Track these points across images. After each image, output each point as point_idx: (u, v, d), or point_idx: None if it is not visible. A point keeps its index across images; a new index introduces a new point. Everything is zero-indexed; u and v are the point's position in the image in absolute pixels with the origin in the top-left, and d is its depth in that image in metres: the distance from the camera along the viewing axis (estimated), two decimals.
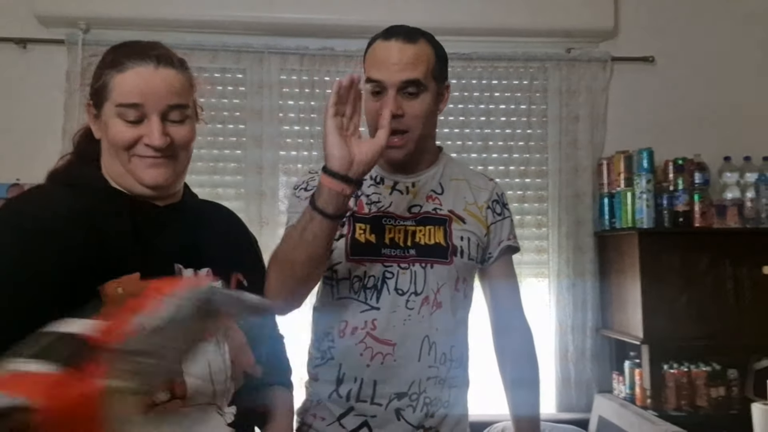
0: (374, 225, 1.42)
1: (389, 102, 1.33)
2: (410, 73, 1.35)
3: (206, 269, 1.13)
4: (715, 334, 2.81)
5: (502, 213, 1.54)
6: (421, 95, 1.38)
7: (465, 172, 1.56)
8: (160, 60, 1.10)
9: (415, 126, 1.38)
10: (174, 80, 1.11)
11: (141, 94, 1.07)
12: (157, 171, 1.10)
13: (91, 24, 3.05)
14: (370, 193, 1.46)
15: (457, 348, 1.45)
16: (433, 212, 1.45)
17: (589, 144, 3.20)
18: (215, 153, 3.14)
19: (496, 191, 1.55)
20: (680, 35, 3.32)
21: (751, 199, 3.00)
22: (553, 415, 3.06)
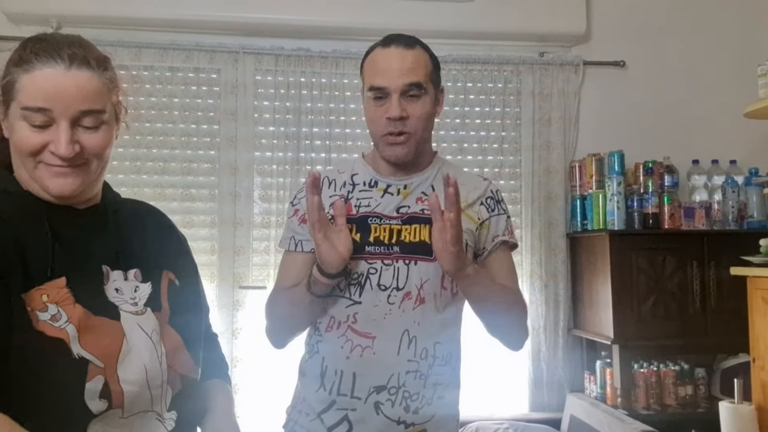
0: (360, 224, 1.45)
1: (393, 106, 1.40)
2: (412, 77, 1.41)
3: (135, 270, 1.09)
4: (683, 334, 2.86)
5: (497, 209, 1.54)
6: (423, 98, 1.43)
7: (459, 174, 1.55)
8: (73, 60, 1.00)
9: (417, 127, 1.43)
10: (88, 84, 1.01)
11: (48, 98, 0.97)
12: (64, 180, 1.01)
13: (62, 22, 3.00)
14: (361, 197, 1.50)
15: (444, 346, 1.44)
16: (421, 212, 1.46)
17: (561, 146, 3.25)
18: (189, 153, 3.12)
19: (490, 188, 1.57)
20: (650, 41, 3.39)
21: (718, 202, 3.06)
22: (525, 415, 3.09)
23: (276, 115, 3.14)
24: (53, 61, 0.98)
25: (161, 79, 3.09)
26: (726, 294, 2.83)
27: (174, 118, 3.11)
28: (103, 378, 0.98)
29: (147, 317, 1.06)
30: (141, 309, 1.06)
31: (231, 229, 3.05)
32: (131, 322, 1.04)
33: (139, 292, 1.08)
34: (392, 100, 1.41)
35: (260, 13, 3.07)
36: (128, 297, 1.06)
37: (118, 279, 1.07)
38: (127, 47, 3.02)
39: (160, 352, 1.06)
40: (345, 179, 1.54)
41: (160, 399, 1.05)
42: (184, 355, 1.10)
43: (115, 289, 1.05)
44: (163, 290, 1.12)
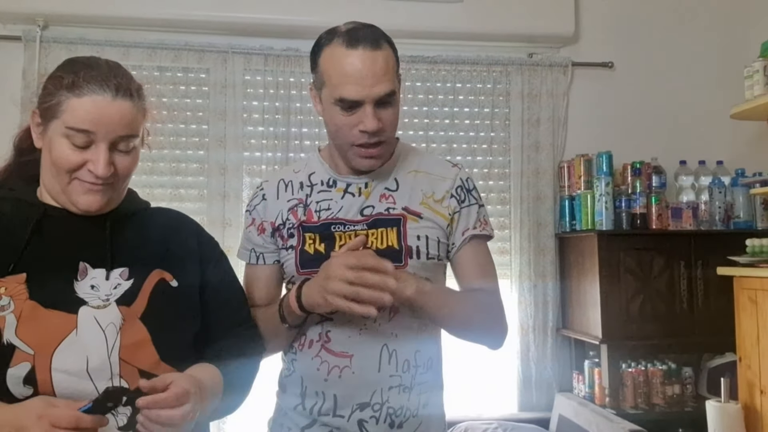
0: (323, 234, 1.36)
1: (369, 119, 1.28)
2: (386, 86, 1.29)
3: (123, 269, 1.14)
4: (671, 334, 2.88)
5: (467, 200, 1.41)
6: (394, 102, 1.32)
7: (424, 162, 1.44)
8: (118, 90, 1.10)
9: (389, 133, 1.34)
10: (129, 112, 1.12)
11: (94, 122, 1.08)
12: (93, 198, 1.12)
13: (49, 21, 2.98)
14: (320, 200, 1.39)
15: (424, 352, 1.37)
16: (386, 213, 1.36)
17: (550, 147, 3.26)
18: (177, 153, 3.10)
19: (460, 176, 1.43)
20: (639, 42, 3.41)
21: (705, 202, 3.08)
22: (514, 415, 3.10)
23: (265, 115, 3.13)
24: (101, 89, 1.09)
25: (149, 78, 3.07)
26: (713, 294, 2.85)
27: (162, 118, 3.09)
28: (29, 365, 1.03)
29: (108, 311, 1.10)
30: (105, 303, 1.10)
31: (220, 230, 3.03)
32: (88, 315, 1.08)
33: (117, 290, 1.12)
34: (366, 112, 1.28)
35: (249, 13, 3.05)
36: (103, 293, 1.11)
37: (98, 276, 1.12)
38: (115, 46, 3.00)
39: (113, 344, 1.07)
40: (302, 179, 1.43)
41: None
42: (146, 351, 1.10)
43: (91, 286, 1.11)
44: (146, 287, 1.15)
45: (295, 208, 1.40)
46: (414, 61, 3.21)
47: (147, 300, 1.14)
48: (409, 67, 3.21)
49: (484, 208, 1.45)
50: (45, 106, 1.11)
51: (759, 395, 2.35)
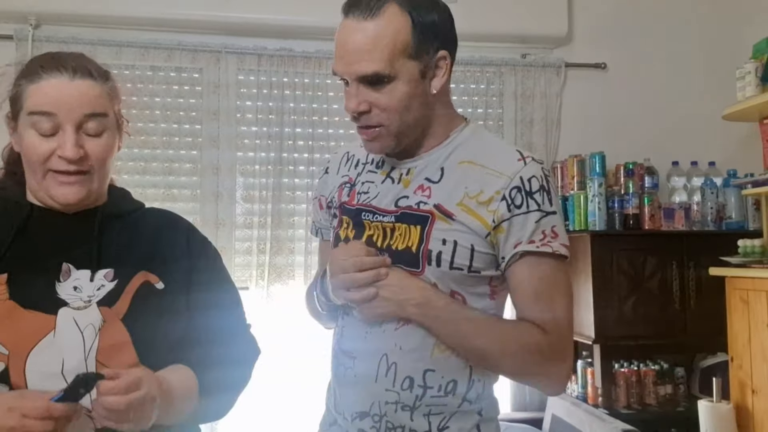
0: (355, 220, 1.24)
1: (349, 97, 1.15)
2: (366, 65, 1.11)
3: (108, 270, 1.12)
4: (663, 334, 2.89)
5: (524, 205, 1.13)
6: (389, 85, 1.12)
7: (486, 153, 1.19)
8: (76, 71, 1.09)
9: (388, 119, 1.15)
10: (90, 90, 1.10)
11: (54, 103, 1.07)
12: (70, 189, 1.10)
13: (41, 19, 2.96)
14: (365, 181, 1.27)
15: (440, 373, 1.16)
16: (416, 207, 1.18)
17: (543, 148, 3.27)
18: (170, 153, 3.09)
19: (521, 174, 1.14)
20: (631, 44, 3.42)
21: (698, 203, 3.09)
22: (507, 415, 3.10)
23: (258, 115, 3.13)
24: (58, 71, 1.08)
25: (142, 78, 3.06)
26: (705, 294, 2.86)
27: (155, 117, 3.08)
28: (3, 365, 1.02)
29: (87, 312, 1.08)
30: (85, 304, 1.08)
31: (213, 230, 3.03)
32: (67, 317, 1.07)
33: (101, 291, 1.10)
34: (349, 91, 1.15)
35: (243, 13, 3.04)
36: (86, 295, 1.09)
37: (82, 277, 1.10)
38: (108, 46, 2.99)
39: (90, 346, 1.06)
40: (362, 155, 1.31)
41: (89, 396, 1.03)
42: (126, 353, 1.08)
43: (74, 287, 1.09)
44: (129, 288, 1.12)
45: (342, 186, 1.31)
46: None
47: (129, 301, 1.11)
48: None
49: (554, 217, 1.15)
50: (11, 103, 1.12)
51: (750, 395, 2.36)
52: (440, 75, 1.18)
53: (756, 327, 2.32)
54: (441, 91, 1.19)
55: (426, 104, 1.18)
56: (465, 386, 1.18)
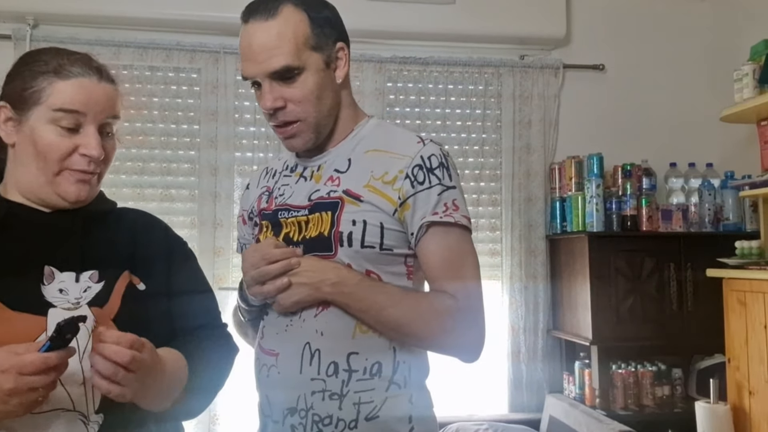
0: (273, 221, 1.28)
1: (264, 96, 1.20)
2: (276, 60, 1.17)
3: (92, 272, 1.10)
4: (661, 335, 2.89)
5: (426, 180, 1.18)
6: (300, 77, 1.19)
7: (389, 140, 1.25)
8: (101, 73, 1.13)
9: (305, 111, 1.20)
10: (113, 95, 1.14)
11: (84, 103, 1.09)
12: (84, 188, 1.12)
13: (39, 19, 2.97)
14: (282, 185, 1.32)
15: (365, 355, 1.17)
16: (327, 196, 1.22)
17: (541, 149, 3.27)
18: (168, 153, 3.09)
19: (422, 153, 1.20)
20: (629, 45, 3.42)
21: (695, 204, 3.10)
22: (505, 416, 3.11)
23: (257, 115, 3.12)
24: (87, 71, 1.11)
25: (141, 78, 3.06)
26: (702, 295, 2.86)
27: (153, 117, 3.08)
28: None
29: (79, 312, 1.05)
30: (76, 305, 1.06)
31: (211, 230, 3.03)
32: (58, 317, 1.02)
33: (88, 293, 1.08)
34: (263, 90, 1.20)
35: None
36: (72, 297, 1.07)
37: (67, 280, 1.08)
38: (106, 46, 2.99)
39: (84, 348, 1.02)
40: (278, 166, 1.40)
41: (84, 399, 1.02)
42: None
43: (59, 290, 1.07)
44: (118, 289, 1.11)
45: (261, 196, 1.36)
46: (406, 62, 3.21)
47: (120, 302, 1.10)
48: (401, 68, 3.22)
49: (454, 191, 1.21)
50: (23, 95, 1.09)
51: (748, 396, 2.36)
52: (342, 65, 1.25)
53: (753, 328, 2.33)
54: (345, 81, 1.27)
55: (335, 93, 1.25)
56: (390, 368, 1.19)
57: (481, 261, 3.40)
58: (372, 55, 3.18)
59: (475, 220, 3.23)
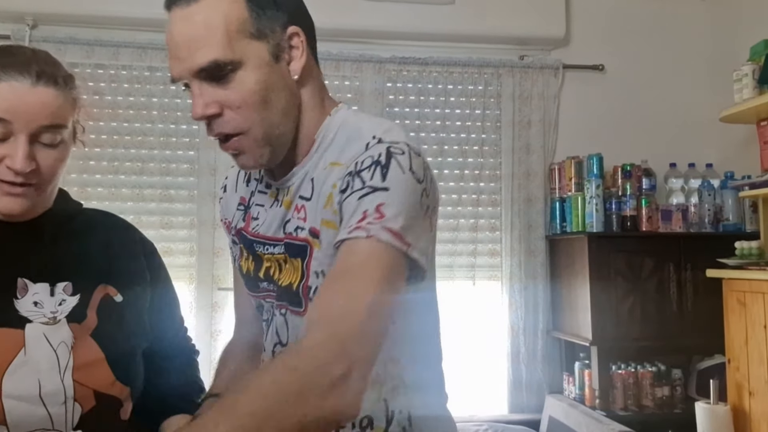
0: (251, 251, 1.08)
1: (194, 100, 0.95)
2: (201, 55, 0.91)
3: (66, 283, 1.05)
4: (661, 336, 2.89)
5: (349, 187, 0.90)
6: (235, 75, 0.92)
7: (347, 147, 0.97)
8: (40, 76, 0.99)
9: (247, 120, 0.94)
10: (52, 100, 0.99)
11: (10, 110, 0.96)
12: (14, 200, 0.99)
13: (38, 20, 2.96)
14: (258, 203, 1.10)
15: None
16: (295, 235, 0.99)
17: (541, 149, 3.27)
18: (167, 154, 3.08)
19: (358, 159, 0.91)
20: (629, 45, 3.42)
21: (695, 205, 3.09)
22: (504, 416, 3.11)
23: None
24: (20, 75, 0.98)
25: (140, 78, 3.05)
26: (702, 296, 2.86)
27: (153, 118, 3.07)
28: None
29: (58, 328, 1.01)
30: (53, 319, 1.01)
31: (210, 231, 3.02)
32: (37, 332, 0.99)
33: (63, 306, 1.03)
34: (192, 94, 0.95)
35: None
36: (48, 310, 1.02)
37: (41, 292, 1.02)
38: (105, 46, 2.99)
39: (65, 365, 0.99)
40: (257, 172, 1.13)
41: (63, 417, 0.98)
42: (101, 371, 1.02)
43: (34, 303, 1.02)
44: (93, 303, 1.06)
45: (238, 208, 1.14)
46: (405, 62, 3.21)
47: (96, 317, 1.05)
48: (401, 69, 3.22)
49: (384, 193, 0.87)
50: None
51: (748, 397, 2.36)
52: (298, 56, 0.97)
53: (753, 329, 2.33)
54: (305, 76, 0.98)
55: (290, 93, 0.97)
56: (383, 421, 0.98)
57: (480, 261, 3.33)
58: (371, 55, 3.18)
59: (475, 220, 3.23)
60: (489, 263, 3.23)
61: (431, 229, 0.94)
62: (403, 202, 0.87)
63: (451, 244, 3.17)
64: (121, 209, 2.77)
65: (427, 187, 0.91)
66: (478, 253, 3.19)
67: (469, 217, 3.23)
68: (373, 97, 3.18)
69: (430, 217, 0.93)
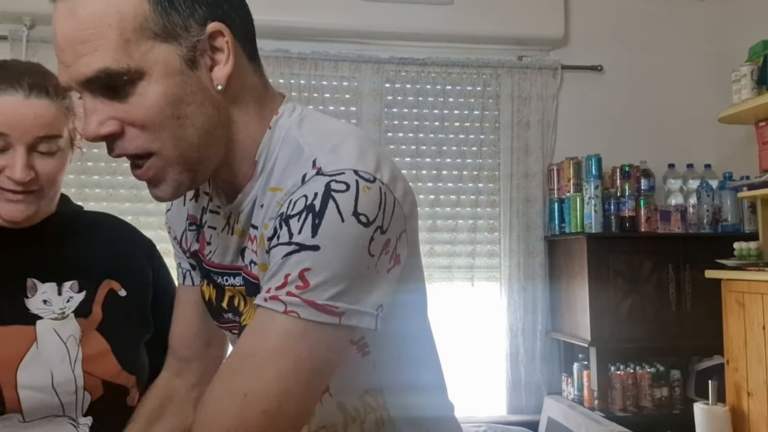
0: (209, 279, 0.95)
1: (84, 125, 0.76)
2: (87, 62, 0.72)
3: (72, 282, 1.11)
4: (659, 336, 2.89)
5: (276, 237, 0.73)
6: (137, 89, 0.73)
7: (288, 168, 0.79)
8: (32, 89, 1.02)
9: (154, 141, 0.76)
10: (46, 111, 1.03)
11: (7, 124, 1.00)
12: (16, 207, 1.04)
13: (36, 20, 2.95)
14: (210, 225, 0.94)
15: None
16: (251, 273, 0.84)
17: (539, 150, 3.27)
18: None
19: (293, 196, 0.73)
20: (628, 46, 3.42)
21: (694, 206, 3.09)
22: (503, 417, 3.10)
23: None
24: (13, 89, 1.01)
25: None
26: (701, 296, 2.86)
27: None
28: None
29: (66, 323, 1.08)
30: (62, 315, 1.08)
31: None
32: (47, 328, 1.06)
33: (71, 302, 1.10)
34: (84, 104, 0.76)
35: None
36: (57, 308, 1.08)
37: (49, 291, 1.09)
38: None
39: (75, 357, 1.06)
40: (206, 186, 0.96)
41: (74, 405, 1.05)
42: (108, 361, 1.09)
43: (43, 301, 1.08)
44: (99, 298, 1.12)
45: (188, 230, 1.00)
46: (404, 62, 3.20)
47: (101, 311, 1.11)
48: (399, 69, 3.21)
49: (312, 254, 0.69)
50: None
51: (746, 398, 2.36)
52: (223, 61, 0.77)
53: (752, 330, 2.33)
54: (234, 84, 0.78)
55: (213, 108, 0.77)
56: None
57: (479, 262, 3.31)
58: (370, 55, 3.18)
59: (474, 221, 3.22)
60: (488, 264, 3.23)
61: (396, 262, 0.76)
62: (339, 262, 0.69)
63: (450, 245, 3.17)
64: (119, 210, 2.77)
65: (382, 224, 0.71)
66: (476, 254, 3.19)
67: (467, 217, 3.23)
68: (371, 98, 3.17)
69: (393, 252, 0.74)
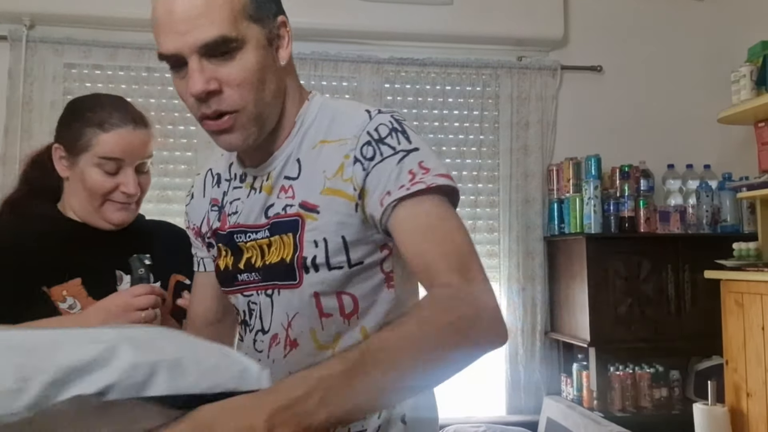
0: (230, 245, 1.08)
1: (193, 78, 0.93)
2: (208, 30, 0.91)
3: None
4: (658, 337, 2.89)
5: (378, 153, 0.94)
6: (239, 53, 0.94)
7: (335, 125, 1.02)
8: (137, 121, 1.32)
9: (244, 98, 0.95)
10: (146, 138, 1.34)
11: (123, 151, 1.30)
12: (125, 213, 1.35)
13: (35, 20, 2.95)
14: (234, 199, 1.10)
15: None
16: (284, 213, 1.01)
17: (539, 150, 3.27)
18: (165, 155, 3.08)
19: (367, 129, 0.96)
20: (627, 46, 3.42)
21: (693, 206, 3.10)
22: (502, 418, 3.10)
23: None
24: (125, 122, 1.30)
25: (138, 79, 3.05)
26: (700, 297, 2.87)
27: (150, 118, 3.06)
28: None
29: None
30: None
31: None
32: None
33: None
34: (190, 69, 0.93)
35: None
36: None
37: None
38: (103, 47, 2.98)
39: None
40: (222, 170, 1.15)
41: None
42: None
43: None
44: (170, 289, 1.38)
45: (210, 212, 1.15)
46: (403, 63, 3.20)
47: (173, 299, 1.35)
48: (399, 69, 3.22)
49: (417, 153, 0.95)
50: (75, 144, 1.30)
51: (745, 398, 2.36)
52: (284, 45, 1.01)
53: (751, 330, 2.33)
54: (289, 65, 1.03)
55: (279, 79, 1.00)
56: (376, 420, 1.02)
57: None
58: (369, 56, 3.18)
59: (473, 221, 3.23)
60: (487, 264, 3.22)
61: None
62: (432, 155, 0.97)
63: None
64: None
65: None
66: None
67: (467, 217, 3.23)
68: (371, 98, 3.17)
69: None
